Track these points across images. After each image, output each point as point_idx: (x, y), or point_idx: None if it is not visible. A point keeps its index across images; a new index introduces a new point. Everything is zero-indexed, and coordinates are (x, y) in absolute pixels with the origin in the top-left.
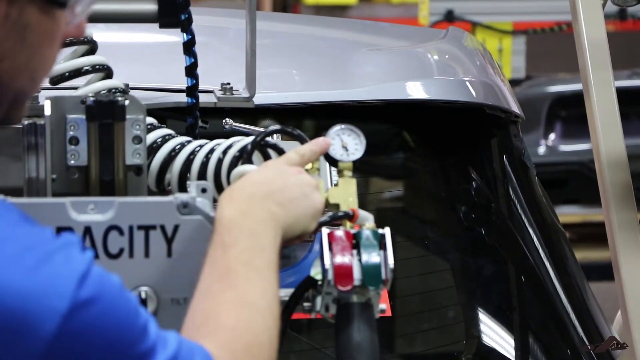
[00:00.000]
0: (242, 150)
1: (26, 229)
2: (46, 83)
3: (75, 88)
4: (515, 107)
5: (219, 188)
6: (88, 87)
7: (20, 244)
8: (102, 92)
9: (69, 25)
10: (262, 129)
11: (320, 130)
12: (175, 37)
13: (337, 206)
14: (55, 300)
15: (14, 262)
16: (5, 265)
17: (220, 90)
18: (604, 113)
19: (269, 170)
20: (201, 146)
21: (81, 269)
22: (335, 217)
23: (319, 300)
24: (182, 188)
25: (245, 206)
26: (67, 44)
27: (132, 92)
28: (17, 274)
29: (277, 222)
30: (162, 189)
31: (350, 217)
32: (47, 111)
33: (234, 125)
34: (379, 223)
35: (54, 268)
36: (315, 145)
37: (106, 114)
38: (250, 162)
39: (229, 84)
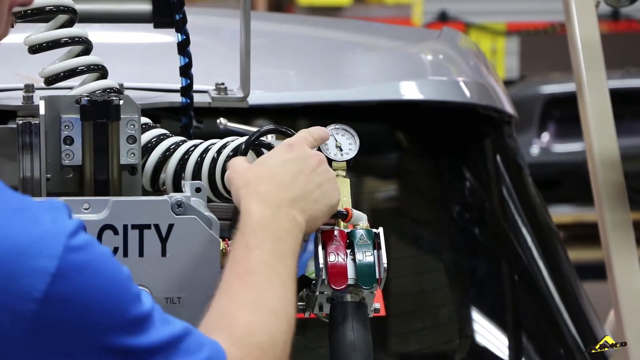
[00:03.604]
0: (236, 149)
1: (11, 193)
2: (41, 83)
3: (70, 88)
4: (508, 108)
5: (213, 188)
6: (83, 87)
7: (10, 206)
8: (97, 91)
9: None
10: (256, 129)
11: None
12: (169, 37)
13: None
14: (44, 260)
15: (3, 220)
16: None
17: (214, 90)
18: (597, 113)
19: (294, 165)
20: (195, 146)
21: (69, 230)
22: None
23: (313, 299)
24: (177, 188)
25: (274, 211)
26: (64, 44)
27: (126, 92)
28: (6, 232)
29: (299, 229)
30: (156, 188)
31: (344, 216)
32: (42, 111)
33: (228, 125)
34: (373, 223)
35: (42, 228)
36: (320, 130)
37: (101, 113)
38: None
39: (223, 83)
